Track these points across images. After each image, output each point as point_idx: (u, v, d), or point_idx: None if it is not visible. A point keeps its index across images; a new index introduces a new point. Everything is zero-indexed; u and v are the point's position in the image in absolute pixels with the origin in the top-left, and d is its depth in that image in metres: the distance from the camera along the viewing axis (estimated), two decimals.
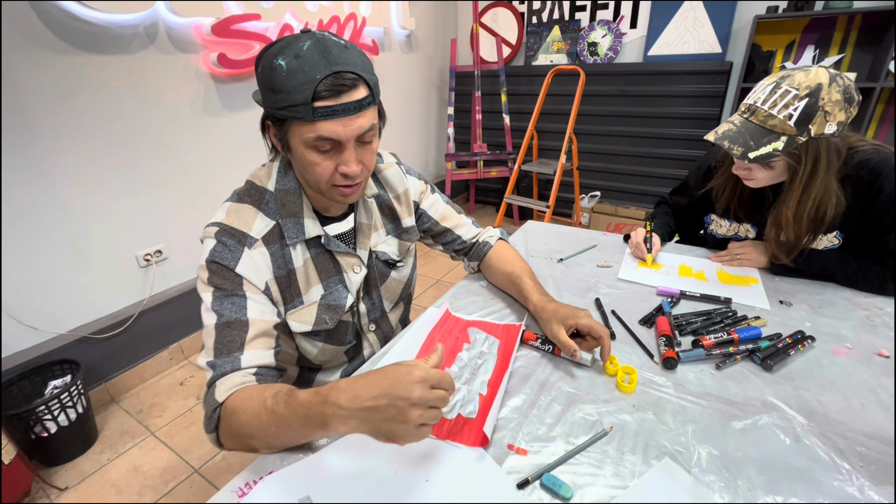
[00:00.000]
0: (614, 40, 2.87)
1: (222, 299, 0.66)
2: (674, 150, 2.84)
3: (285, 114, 0.61)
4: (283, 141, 0.67)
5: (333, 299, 0.79)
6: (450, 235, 0.99)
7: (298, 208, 0.74)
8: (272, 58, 0.60)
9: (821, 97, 0.78)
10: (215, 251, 0.67)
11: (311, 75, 0.59)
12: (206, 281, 0.67)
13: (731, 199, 1.02)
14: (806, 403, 0.65)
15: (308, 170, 0.67)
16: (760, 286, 0.97)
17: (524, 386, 0.70)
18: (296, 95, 0.59)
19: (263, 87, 0.63)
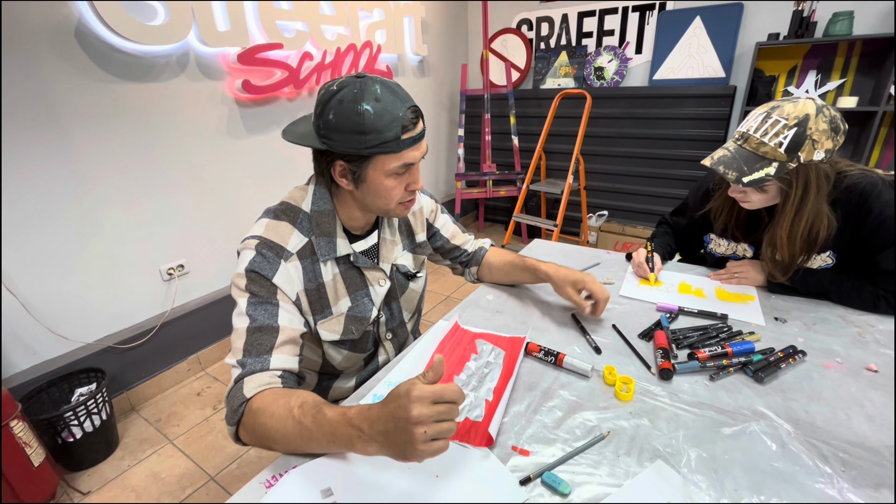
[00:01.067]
0: (620, 65, 2.96)
1: (256, 305, 0.72)
2: (679, 171, 2.89)
3: (375, 150, 0.70)
4: (356, 176, 0.74)
5: (360, 311, 0.86)
6: (457, 251, 1.09)
7: (332, 228, 0.81)
8: (354, 104, 0.67)
9: (808, 127, 0.84)
10: (255, 261, 0.73)
11: (395, 114, 0.69)
12: (244, 287, 0.72)
13: (728, 220, 1.07)
14: (794, 413, 0.69)
15: (383, 195, 0.76)
16: (757, 303, 1.01)
17: (528, 393, 0.75)
18: (387, 133, 0.69)
19: (345, 131, 0.68)
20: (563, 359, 0.80)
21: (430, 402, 0.52)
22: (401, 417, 0.52)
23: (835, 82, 2.38)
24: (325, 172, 0.77)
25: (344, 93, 0.68)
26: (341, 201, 0.82)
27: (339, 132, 0.69)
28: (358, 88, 0.68)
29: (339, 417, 0.58)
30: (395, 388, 0.55)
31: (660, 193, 3.01)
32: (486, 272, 1.11)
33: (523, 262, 1.04)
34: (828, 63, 2.40)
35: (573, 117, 3.03)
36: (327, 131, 0.70)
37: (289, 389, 0.68)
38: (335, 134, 0.70)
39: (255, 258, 0.74)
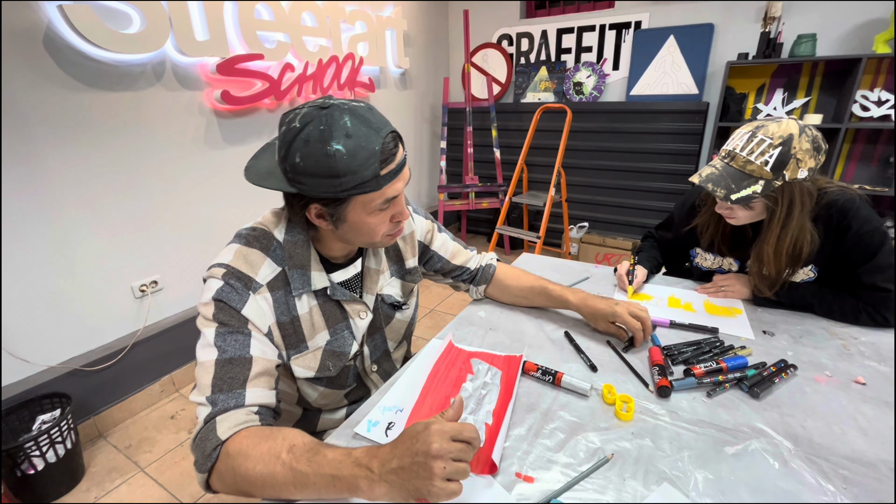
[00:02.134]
0: (598, 80, 3.03)
1: (226, 335, 0.66)
2: (656, 184, 2.97)
3: (352, 192, 0.63)
4: (335, 217, 0.68)
5: (338, 346, 0.81)
6: (459, 270, 1.05)
7: (306, 260, 0.75)
8: (322, 145, 0.59)
9: (792, 146, 0.86)
10: (223, 291, 0.67)
11: (370, 148, 0.62)
12: (211, 316, 0.66)
13: (714, 235, 1.09)
14: (791, 429, 0.69)
15: (366, 232, 0.71)
16: (744, 317, 1.02)
17: (528, 415, 0.74)
18: (363, 172, 0.62)
19: (316, 175, 0.61)
20: (562, 378, 0.79)
21: (449, 438, 0.51)
22: (419, 451, 0.50)
23: (800, 100, 2.50)
24: (300, 214, 0.71)
25: (308, 131, 0.60)
26: (319, 233, 0.76)
27: (309, 176, 0.62)
28: (324, 124, 0.60)
29: (343, 458, 0.55)
30: (411, 425, 0.54)
31: (638, 206, 3.08)
32: (498, 292, 1.07)
33: (545, 289, 1.00)
34: (793, 82, 2.51)
35: (553, 131, 3.08)
36: (297, 175, 0.63)
37: (270, 428, 0.62)
38: (305, 178, 0.62)
39: (223, 288, 0.67)
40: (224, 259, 0.71)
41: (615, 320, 0.91)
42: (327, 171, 0.61)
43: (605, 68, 3.01)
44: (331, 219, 0.69)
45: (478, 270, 1.06)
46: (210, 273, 0.70)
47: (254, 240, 0.73)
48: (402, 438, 0.54)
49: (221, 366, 0.64)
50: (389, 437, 0.69)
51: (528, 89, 3.31)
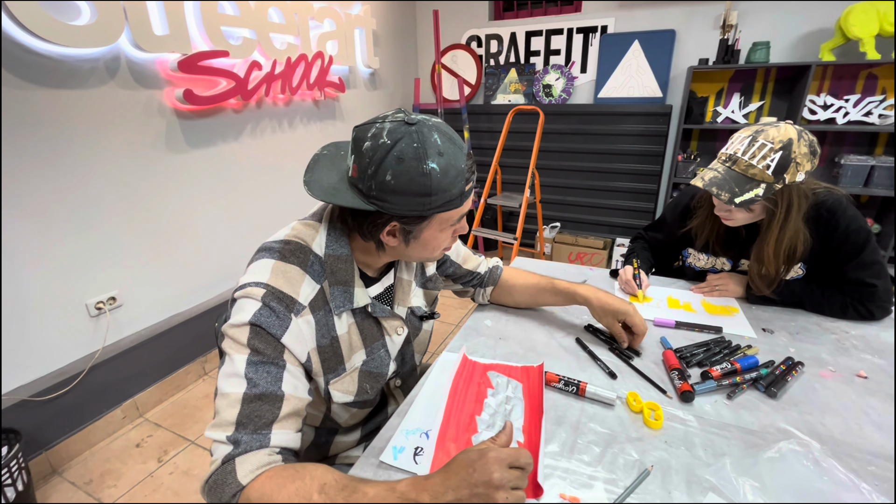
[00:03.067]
0: (567, 83, 3.09)
1: (258, 366, 0.59)
2: (624, 184, 3.06)
3: (438, 210, 0.62)
4: (409, 234, 0.66)
5: (375, 366, 0.76)
6: (470, 276, 1.02)
7: (350, 276, 0.70)
8: (418, 163, 0.58)
9: (793, 150, 0.89)
10: (261, 315, 0.60)
11: (458, 166, 0.61)
12: (245, 342, 0.59)
13: (710, 236, 1.12)
14: (813, 427, 0.71)
15: (433, 248, 0.70)
16: (742, 315, 1.05)
17: (558, 429, 0.71)
18: (453, 190, 0.61)
19: (407, 193, 0.59)
20: (586, 388, 0.77)
21: (507, 466, 0.49)
22: (479, 482, 0.48)
23: (756, 104, 2.65)
24: (370, 234, 0.66)
25: (402, 148, 0.58)
26: (360, 245, 0.71)
27: (399, 195, 0.60)
28: (418, 142, 0.58)
29: (386, 493, 0.51)
30: (462, 453, 0.50)
31: (607, 205, 3.16)
32: (505, 294, 1.05)
33: (553, 284, 0.99)
34: (749, 87, 2.66)
35: (525, 132, 3.11)
36: (382, 193, 0.60)
37: (294, 466, 0.56)
38: (394, 196, 0.60)
39: (262, 311, 0.61)
40: (260, 277, 0.64)
41: (625, 318, 0.89)
42: (420, 190, 0.59)
43: (573, 71, 3.07)
44: (405, 236, 0.66)
45: (486, 274, 1.03)
46: (246, 293, 0.62)
47: (290, 254, 0.67)
48: (454, 468, 0.51)
49: (250, 401, 0.58)
50: (419, 462, 0.65)
51: (499, 91, 3.32)
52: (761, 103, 2.64)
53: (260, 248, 0.69)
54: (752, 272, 1.04)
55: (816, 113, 2.49)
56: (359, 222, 0.66)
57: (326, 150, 0.71)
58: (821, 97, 2.49)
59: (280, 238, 0.69)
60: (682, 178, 2.76)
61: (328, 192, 0.63)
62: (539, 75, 3.14)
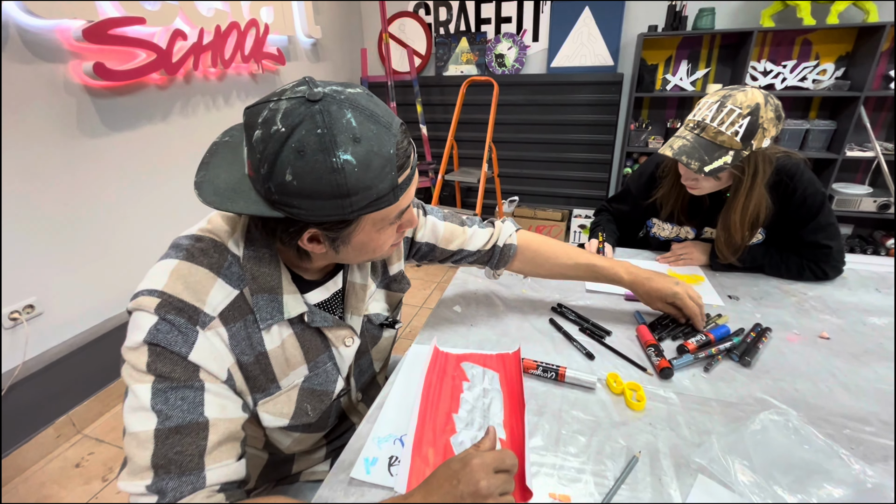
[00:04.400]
0: (519, 52, 3.01)
1: (168, 393, 0.48)
2: (579, 155, 3.07)
3: (365, 211, 0.49)
4: (336, 241, 0.53)
5: (319, 383, 0.64)
6: (461, 254, 0.87)
7: (276, 282, 0.57)
8: (324, 156, 0.44)
9: (760, 115, 0.87)
10: (158, 331, 0.49)
11: (384, 153, 0.47)
12: (145, 367, 0.48)
13: (675, 206, 1.11)
14: (788, 394, 0.71)
15: (372, 250, 0.57)
16: (708, 283, 1.06)
17: (541, 420, 0.67)
18: (379, 185, 0.48)
19: (317, 197, 0.46)
20: (566, 373, 0.74)
21: (493, 471, 0.47)
22: (465, 493, 0.44)
23: (702, 71, 2.69)
24: (287, 242, 0.53)
25: (301, 138, 0.44)
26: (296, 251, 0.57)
27: (306, 198, 0.46)
28: (323, 126, 0.44)
29: None
30: (443, 465, 0.46)
31: (562, 177, 3.17)
32: (528, 266, 0.91)
33: (593, 266, 0.89)
34: (696, 54, 2.70)
35: (479, 105, 3.02)
36: (286, 197, 0.46)
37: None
38: (300, 200, 0.46)
39: (159, 326, 0.49)
40: (155, 283, 0.51)
41: (675, 301, 0.84)
42: (333, 191, 0.46)
43: (525, 39, 2.99)
44: (330, 243, 0.54)
45: (493, 252, 0.89)
46: (136, 304, 0.50)
47: (200, 253, 0.54)
48: (435, 482, 0.47)
49: (165, 438, 0.47)
50: (395, 474, 0.59)
51: (450, 62, 3.19)
52: (707, 70, 2.69)
53: (171, 244, 0.57)
54: (718, 241, 1.05)
55: (757, 79, 2.57)
56: (269, 229, 0.53)
57: (228, 137, 0.55)
58: (761, 63, 2.56)
59: (192, 233, 0.57)
60: (635, 148, 2.80)
61: (223, 195, 0.49)
62: (491, 44, 3.04)
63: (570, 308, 0.96)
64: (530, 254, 0.91)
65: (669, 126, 2.76)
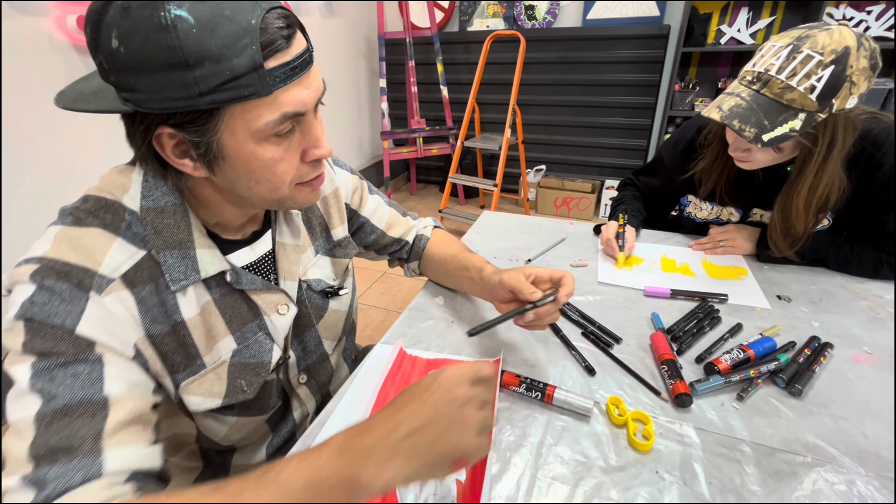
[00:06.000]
0: (552, 3, 2.70)
1: (55, 370, 0.40)
2: (615, 119, 2.78)
3: (219, 97, 0.38)
4: (204, 150, 0.42)
5: (251, 355, 0.56)
6: (397, 244, 0.80)
7: (185, 234, 0.49)
8: (151, 11, 0.35)
9: (849, 64, 0.64)
10: (33, 303, 0.40)
11: (242, 20, 0.37)
12: (21, 347, 0.40)
13: (718, 182, 0.89)
14: (852, 440, 0.53)
15: (263, 175, 0.45)
16: (752, 278, 0.86)
17: (514, 457, 0.53)
18: (234, 60, 0.37)
19: (149, 66, 0.37)
20: (554, 393, 0.59)
21: (469, 382, 0.40)
22: (440, 402, 0.39)
23: (765, 20, 2.32)
24: (147, 154, 0.44)
25: None
26: (197, 193, 0.50)
27: (138, 72, 0.37)
28: None
29: (312, 457, 0.37)
30: (413, 384, 0.41)
31: (596, 144, 2.90)
32: (428, 266, 0.83)
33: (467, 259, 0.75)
34: (759, 1, 2.31)
35: (505, 63, 2.76)
36: (119, 75, 0.38)
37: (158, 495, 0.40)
38: (134, 76, 0.37)
39: (36, 297, 0.40)
40: (35, 251, 0.43)
41: (535, 273, 0.63)
42: (167, 57, 0.36)
43: None
44: (198, 153, 0.43)
45: (412, 245, 0.82)
46: (10, 277, 0.43)
47: (87, 215, 0.46)
48: (404, 398, 0.40)
49: (49, 422, 0.38)
50: None
51: (475, 15, 2.92)
52: (772, 19, 2.31)
53: (58, 214, 0.48)
54: (772, 229, 0.83)
55: None
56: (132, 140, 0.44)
57: None
58: (840, 9, 2.17)
59: (82, 197, 0.48)
60: (679, 111, 2.48)
61: (79, 97, 0.42)
62: None
63: (574, 305, 0.79)
64: (428, 253, 0.82)
65: (721, 86, 2.43)
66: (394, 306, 2.03)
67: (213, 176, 0.46)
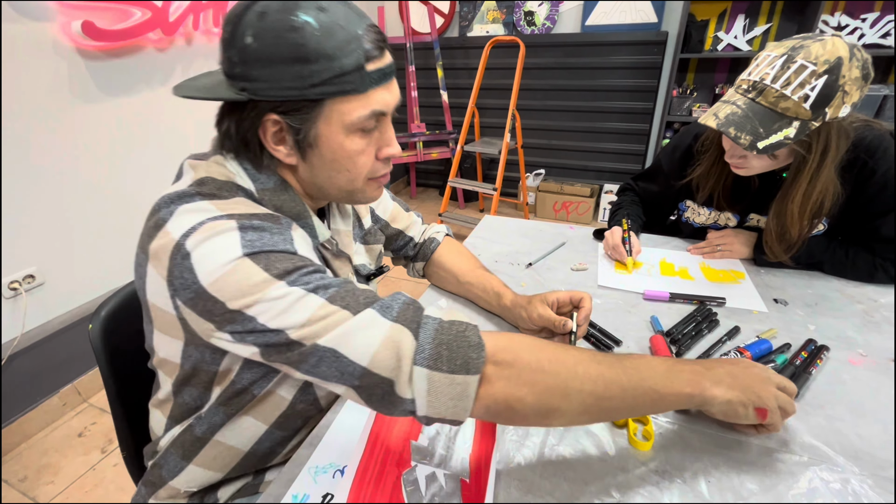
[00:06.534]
0: (551, 9, 2.73)
1: (308, 276, 0.45)
2: (613, 124, 2.80)
3: (327, 89, 0.45)
4: (301, 137, 0.48)
5: None
6: (402, 239, 0.84)
7: (301, 208, 0.55)
8: (285, 15, 0.43)
9: (841, 74, 0.66)
10: (250, 241, 0.44)
11: (352, 30, 0.45)
12: (266, 275, 0.43)
13: (715, 187, 0.91)
14: (847, 440, 0.55)
15: (346, 165, 0.51)
16: (749, 282, 0.88)
17: (516, 457, 0.54)
18: (343, 59, 0.45)
19: (276, 60, 0.44)
20: None
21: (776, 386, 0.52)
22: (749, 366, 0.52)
23: (762, 27, 2.35)
24: (251, 139, 0.49)
25: (265, 3, 0.44)
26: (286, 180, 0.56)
27: (265, 63, 0.44)
28: None
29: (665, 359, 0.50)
30: None
31: (594, 149, 2.92)
32: (436, 272, 0.86)
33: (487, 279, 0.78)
34: (755, 7, 2.35)
35: (505, 68, 2.78)
36: (245, 67, 0.45)
37: None
38: (259, 67, 0.44)
39: (249, 237, 0.44)
40: (206, 214, 0.45)
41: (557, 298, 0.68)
42: (292, 53, 0.44)
43: None
44: (294, 140, 0.49)
45: (420, 245, 0.85)
46: (207, 231, 0.44)
47: (220, 190, 0.49)
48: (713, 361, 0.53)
49: (341, 297, 0.44)
50: None
51: (475, 21, 2.94)
52: (768, 26, 2.34)
53: (158, 204, 0.48)
54: (768, 234, 0.85)
55: None
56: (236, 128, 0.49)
57: None
58: (835, 17, 2.20)
59: (186, 183, 0.50)
60: (677, 117, 2.51)
61: (195, 88, 0.49)
62: (520, 1, 2.77)
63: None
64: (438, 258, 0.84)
65: (718, 92, 2.45)
66: None
67: (302, 162, 0.51)
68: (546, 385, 0.44)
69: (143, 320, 0.55)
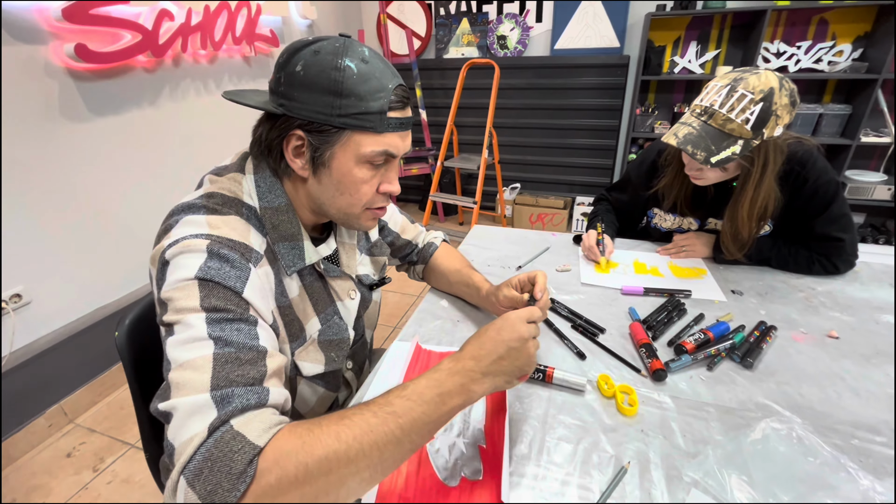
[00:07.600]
0: (522, 34, 2.91)
1: (223, 323, 0.47)
2: (583, 140, 2.99)
3: (350, 122, 0.54)
4: (318, 155, 0.56)
5: (334, 333, 0.68)
6: (409, 248, 0.93)
7: (295, 230, 0.61)
8: (333, 57, 0.52)
9: (774, 101, 0.80)
10: (209, 267, 0.49)
11: (383, 83, 0.54)
12: (198, 303, 0.47)
13: (678, 196, 1.04)
14: (792, 399, 0.66)
15: (349, 190, 0.58)
16: (710, 277, 1.00)
17: (524, 426, 0.63)
18: (370, 102, 0.54)
19: (315, 88, 0.53)
20: (553, 374, 0.69)
21: (526, 321, 0.54)
22: (512, 339, 0.51)
23: (712, 52, 2.59)
24: (275, 147, 0.57)
25: (322, 45, 0.54)
26: (293, 197, 0.62)
27: (305, 89, 0.53)
28: (341, 44, 0.54)
29: (433, 376, 0.48)
30: (484, 327, 0.54)
31: (565, 163, 3.09)
32: (432, 274, 0.95)
33: (470, 275, 0.87)
34: (706, 34, 2.59)
35: (480, 88, 2.94)
36: (289, 88, 0.54)
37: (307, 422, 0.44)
38: (300, 91, 0.53)
39: (210, 263, 0.49)
40: (196, 229, 0.52)
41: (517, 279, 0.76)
42: (329, 86, 0.52)
43: (528, 20, 2.89)
44: (311, 155, 0.56)
45: (421, 249, 0.94)
46: (183, 248, 0.50)
47: (221, 205, 0.56)
48: (480, 338, 0.52)
49: (225, 362, 0.45)
50: None
51: (451, 44, 3.10)
52: (717, 51, 2.58)
53: (172, 211, 0.56)
54: (724, 235, 0.98)
55: (770, 61, 2.47)
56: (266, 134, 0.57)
57: None
58: (774, 44, 2.46)
59: (199, 194, 0.58)
60: (641, 133, 2.71)
61: (242, 96, 0.57)
62: (493, 25, 2.94)
63: (562, 303, 0.91)
64: (434, 261, 0.93)
65: (677, 110, 2.67)
66: (383, 319, 2.10)
67: (313, 177, 0.58)
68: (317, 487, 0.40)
69: None
